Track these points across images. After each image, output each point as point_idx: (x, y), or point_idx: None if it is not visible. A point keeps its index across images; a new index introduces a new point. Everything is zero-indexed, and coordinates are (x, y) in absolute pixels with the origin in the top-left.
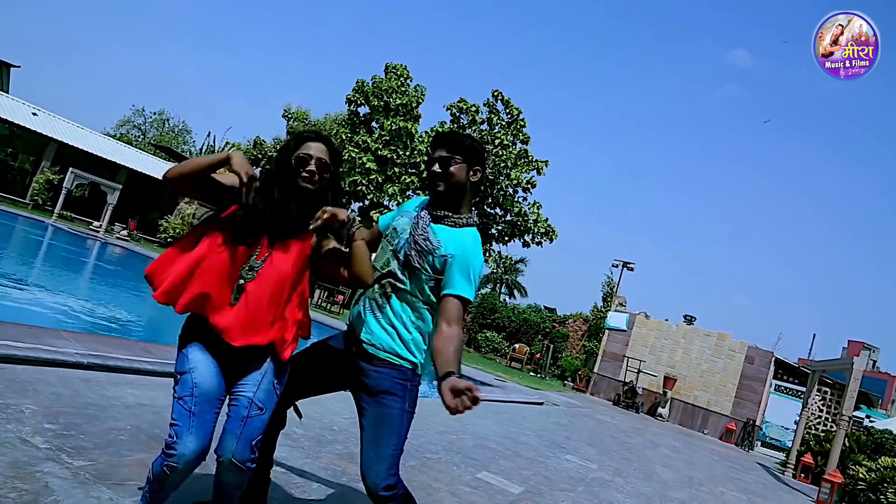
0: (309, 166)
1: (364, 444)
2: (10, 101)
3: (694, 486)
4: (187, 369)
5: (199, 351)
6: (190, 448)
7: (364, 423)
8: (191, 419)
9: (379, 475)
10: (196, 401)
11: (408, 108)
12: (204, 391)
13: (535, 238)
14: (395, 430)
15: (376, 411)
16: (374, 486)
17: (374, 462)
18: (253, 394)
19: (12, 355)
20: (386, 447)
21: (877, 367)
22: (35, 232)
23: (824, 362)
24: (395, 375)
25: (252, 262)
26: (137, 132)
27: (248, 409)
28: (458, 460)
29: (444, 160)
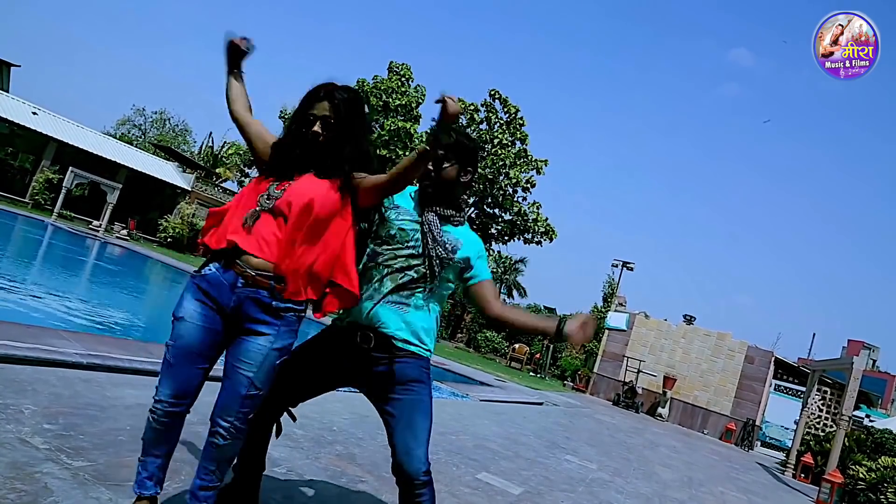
0: (314, 127)
1: (397, 431)
2: (10, 100)
3: (694, 486)
4: (177, 316)
5: (194, 301)
6: (163, 394)
7: (395, 412)
8: (168, 369)
9: (420, 459)
10: (174, 352)
11: (407, 108)
12: (185, 345)
13: (534, 237)
14: (428, 415)
15: (409, 398)
16: (415, 472)
17: (414, 447)
18: (254, 374)
19: (12, 355)
20: (423, 431)
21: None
22: (35, 231)
23: (824, 362)
24: (420, 364)
25: (271, 191)
26: (138, 132)
27: (248, 390)
28: (457, 461)
29: (437, 159)
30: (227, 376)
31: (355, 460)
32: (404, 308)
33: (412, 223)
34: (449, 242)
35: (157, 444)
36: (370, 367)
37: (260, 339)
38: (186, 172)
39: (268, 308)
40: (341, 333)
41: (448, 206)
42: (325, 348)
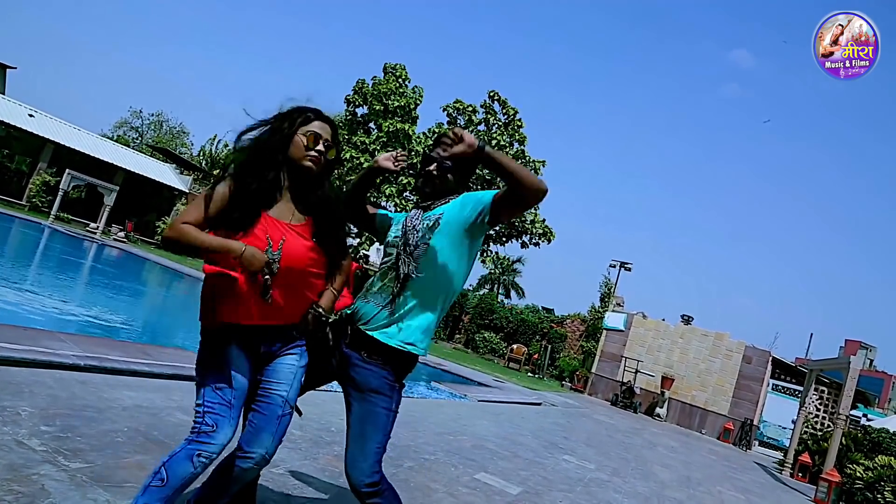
0: (318, 146)
1: (349, 440)
2: (6, 102)
3: (692, 485)
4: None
5: (236, 348)
6: (227, 438)
7: (350, 420)
8: (230, 411)
9: (363, 472)
10: (235, 394)
11: (405, 109)
12: (241, 385)
13: (532, 239)
14: (380, 428)
15: (363, 408)
16: (357, 483)
17: (359, 459)
18: (287, 393)
19: (9, 357)
20: (370, 444)
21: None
22: (32, 234)
23: (821, 361)
24: (384, 375)
25: (270, 255)
26: (135, 134)
27: (283, 409)
28: (456, 461)
29: (442, 167)
30: (259, 400)
31: None
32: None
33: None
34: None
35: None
36: (346, 367)
37: (288, 359)
38: (184, 174)
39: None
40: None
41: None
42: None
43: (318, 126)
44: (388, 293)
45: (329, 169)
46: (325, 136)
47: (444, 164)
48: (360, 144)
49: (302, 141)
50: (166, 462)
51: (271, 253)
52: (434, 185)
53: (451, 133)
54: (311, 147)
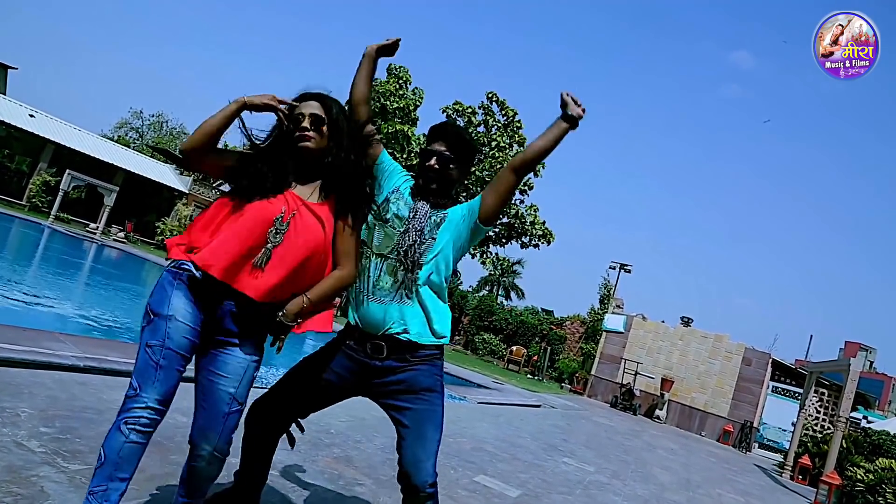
0: (302, 123)
1: (408, 442)
2: (7, 102)
3: (691, 488)
4: (164, 314)
5: (184, 298)
6: (153, 401)
7: (407, 422)
8: (157, 372)
9: (428, 472)
10: (165, 353)
11: (405, 111)
12: (175, 345)
13: (532, 240)
14: (438, 426)
15: (421, 408)
16: (423, 484)
17: (423, 459)
18: (235, 390)
19: (8, 358)
20: (433, 443)
21: (874, 368)
22: (32, 234)
23: (821, 363)
24: (434, 372)
25: (278, 226)
26: (135, 134)
27: (230, 406)
28: (455, 463)
29: (442, 158)
30: (204, 394)
31: (352, 463)
32: (408, 301)
33: (406, 209)
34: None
35: (129, 463)
36: (384, 376)
37: (238, 352)
38: (184, 175)
39: (247, 322)
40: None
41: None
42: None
43: (303, 106)
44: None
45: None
46: (313, 112)
47: (443, 155)
48: None
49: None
50: (103, 442)
51: (280, 223)
52: (438, 178)
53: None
54: (297, 126)
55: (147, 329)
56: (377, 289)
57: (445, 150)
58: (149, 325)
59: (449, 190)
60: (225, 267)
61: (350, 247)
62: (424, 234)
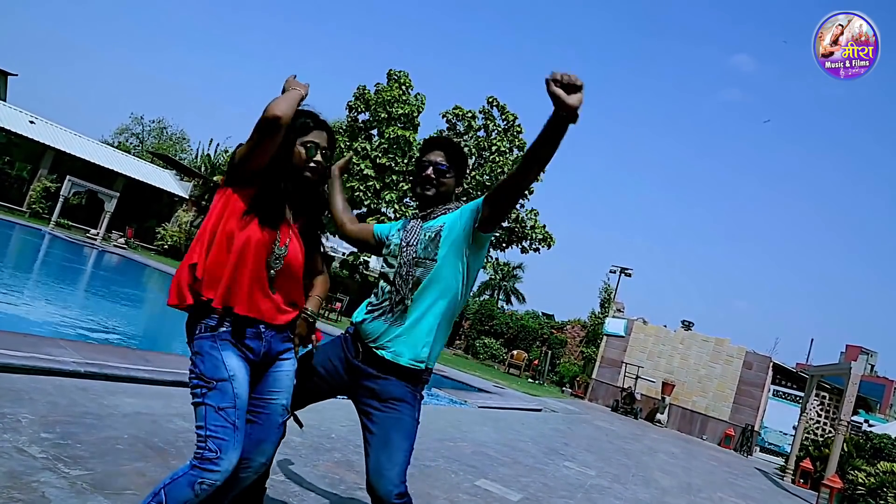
0: (317, 156)
1: (373, 449)
2: (7, 109)
3: (693, 492)
4: (227, 377)
5: (236, 357)
6: (233, 464)
7: (373, 428)
8: (235, 433)
9: (391, 481)
10: (238, 413)
11: (408, 117)
12: (243, 403)
13: (532, 244)
14: (406, 435)
15: (388, 416)
16: (385, 494)
17: (387, 468)
18: (287, 401)
19: (9, 364)
20: (398, 452)
21: (875, 372)
22: (32, 240)
23: (822, 367)
24: (406, 385)
25: (277, 251)
26: (135, 140)
27: (283, 416)
28: (456, 468)
29: (438, 168)
30: (258, 409)
31: (353, 467)
32: (399, 321)
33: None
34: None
35: None
36: (358, 379)
37: (285, 365)
38: (184, 180)
39: (287, 338)
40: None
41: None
42: (330, 356)
43: (315, 136)
44: (393, 309)
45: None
46: (323, 145)
47: (440, 166)
48: (361, 150)
49: (301, 152)
50: (167, 485)
51: (279, 248)
52: (433, 188)
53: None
54: (309, 158)
55: (212, 395)
56: (377, 306)
57: (441, 161)
58: (212, 392)
59: (447, 199)
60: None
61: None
62: (419, 252)
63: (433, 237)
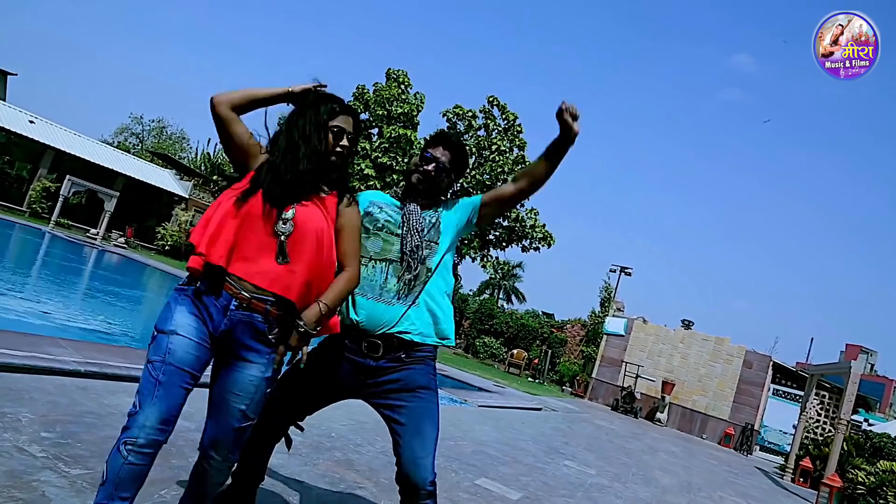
0: (343, 141)
1: (405, 440)
2: (7, 108)
3: (693, 491)
4: (167, 329)
5: (188, 314)
6: (152, 420)
7: (403, 420)
8: (156, 388)
9: (428, 469)
10: (166, 369)
11: (408, 116)
12: (177, 360)
13: (532, 243)
14: (435, 423)
15: (418, 405)
16: (423, 482)
17: (422, 456)
18: (247, 407)
19: (9, 363)
20: (430, 441)
21: (874, 371)
22: (32, 240)
23: (822, 366)
24: (428, 371)
25: (284, 216)
26: (135, 140)
27: (241, 422)
28: (456, 466)
29: (439, 167)
30: (216, 407)
31: (353, 466)
32: (416, 302)
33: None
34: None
35: (130, 483)
36: (378, 376)
37: (252, 369)
38: (184, 180)
39: (261, 335)
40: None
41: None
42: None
43: (341, 120)
44: (411, 293)
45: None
46: (349, 130)
47: (441, 165)
48: (361, 150)
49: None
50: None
51: (284, 213)
52: (429, 183)
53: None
54: (336, 143)
55: (151, 347)
56: (384, 291)
57: (444, 160)
58: (152, 343)
59: (437, 196)
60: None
61: (353, 247)
62: (424, 234)
63: (434, 223)
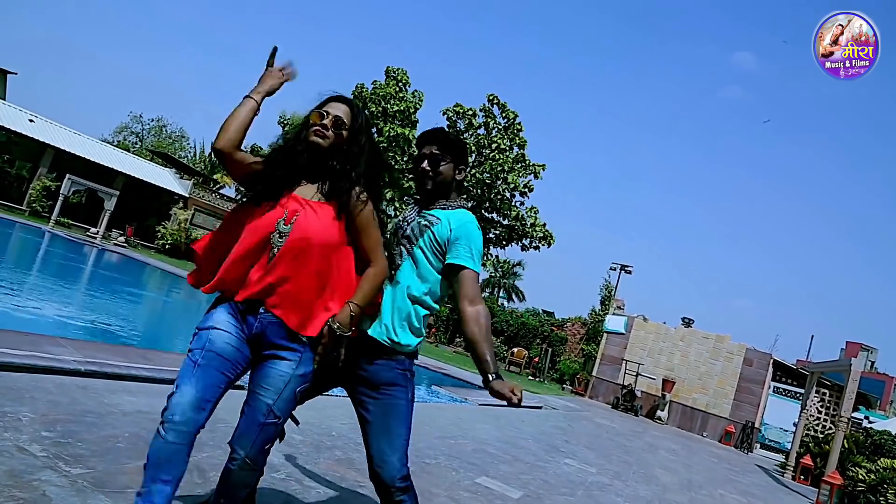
0: (324, 120)
1: (372, 437)
2: (7, 107)
3: (693, 489)
4: (207, 326)
5: (226, 314)
6: (188, 397)
7: (370, 417)
8: (194, 369)
9: (394, 467)
10: (205, 354)
11: (405, 114)
12: (217, 349)
13: (532, 242)
14: (403, 420)
15: (382, 403)
16: (390, 480)
17: (388, 454)
18: (273, 402)
19: (10, 363)
20: (398, 438)
21: (875, 368)
22: (32, 239)
23: (822, 364)
24: (395, 366)
25: (281, 228)
26: (135, 139)
27: (266, 417)
28: (456, 465)
29: (433, 159)
30: (247, 403)
31: (354, 465)
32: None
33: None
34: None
35: (171, 464)
36: (350, 368)
37: (282, 365)
38: (184, 179)
39: (291, 334)
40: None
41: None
42: None
43: (329, 105)
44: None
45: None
46: (334, 113)
47: (435, 157)
48: None
49: (310, 120)
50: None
51: (282, 225)
52: (433, 178)
53: (517, 393)
54: (315, 122)
55: (192, 342)
56: None
57: (435, 151)
58: (193, 339)
59: (447, 190)
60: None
61: (373, 241)
62: (407, 231)
63: (424, 225)
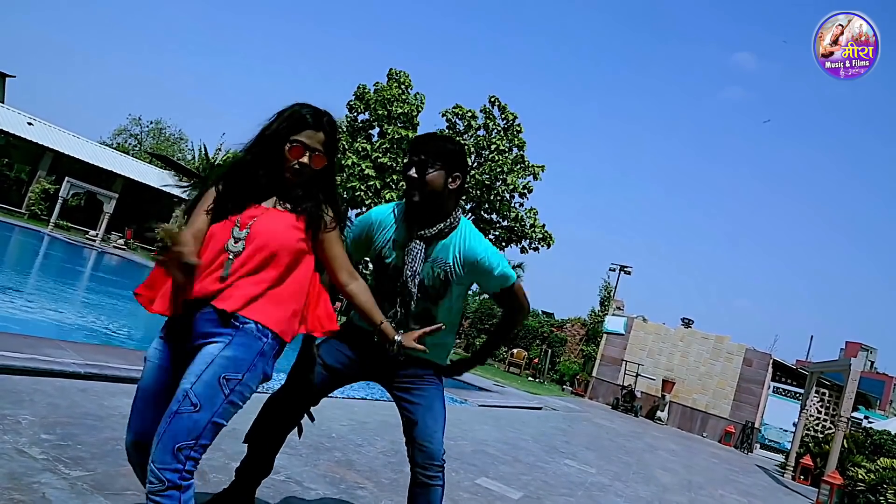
0: (302, 158)
1: (420, 416)
2: (5, 110)
3: (693, 489)
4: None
5: (157, 344)
6: (127, 441)
7: (417, 400)
8: (132, 413)
9: (440, 442)
10: (140, 394)
11: (408, 116)
12: (144, 386)
13: (532, 243)
14: (443, 405)
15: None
16: (437, 454)
17: (436, 431)
18: (191, 385)
19: (9, 366)
20: (440, 418)
21: (874, 368)
22: (31, 241)
23: (822, 364)
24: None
25: (236, 234)
26: (134, 141)
27: (179, 404)
28: (456, 466)
29: (420, 165)
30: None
31: (354, 467)
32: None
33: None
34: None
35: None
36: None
37: (208, 347)
38: (182, 181)
39: (224, 319)
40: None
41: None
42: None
43: (305, 136)
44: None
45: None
46: (313, 145)
47: (421, 163)
48: (362, 151)
49: (286, 150)
50: None
51: (237, 231)
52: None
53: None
54: (292, 160)
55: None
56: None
57: (423, 157)
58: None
59: (439, 201)
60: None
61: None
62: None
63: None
